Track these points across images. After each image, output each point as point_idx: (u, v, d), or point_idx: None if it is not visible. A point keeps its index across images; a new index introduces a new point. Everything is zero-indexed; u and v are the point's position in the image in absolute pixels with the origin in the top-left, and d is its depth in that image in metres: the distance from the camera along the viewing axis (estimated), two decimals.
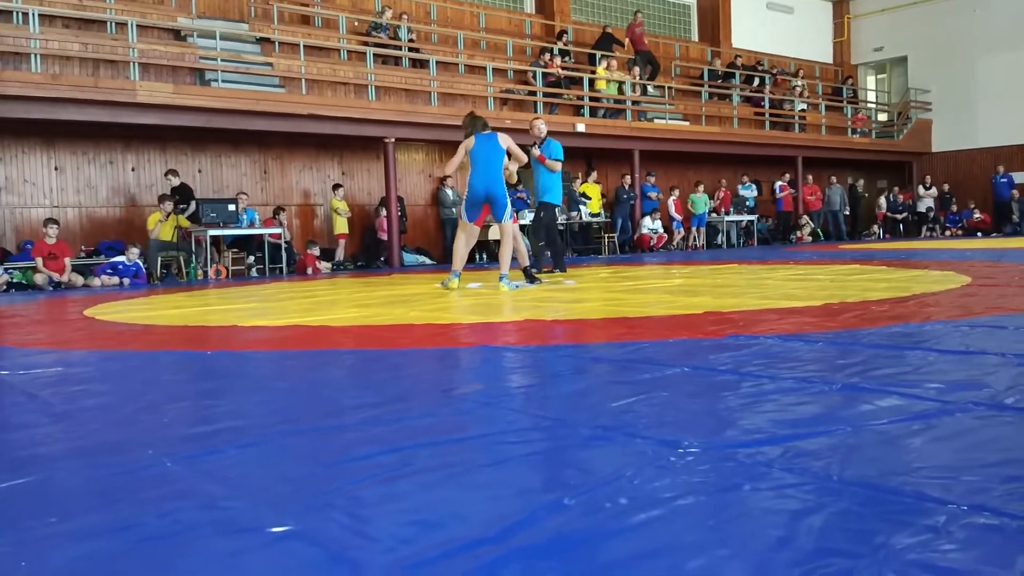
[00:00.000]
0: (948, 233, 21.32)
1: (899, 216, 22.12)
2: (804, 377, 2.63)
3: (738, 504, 1.49)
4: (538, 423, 2.21)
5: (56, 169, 12.30)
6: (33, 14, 11.17)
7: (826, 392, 2.42)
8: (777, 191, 19.90)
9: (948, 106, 23.70)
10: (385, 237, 14.20)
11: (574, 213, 16.56)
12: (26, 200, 12.07)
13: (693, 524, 1.40)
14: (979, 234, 20.49)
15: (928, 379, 2.52)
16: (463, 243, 7.82)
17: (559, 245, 9.97)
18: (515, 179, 8.30)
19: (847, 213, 21.20)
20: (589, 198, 16.96)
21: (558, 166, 9.36)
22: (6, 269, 10.74)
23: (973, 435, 1.90)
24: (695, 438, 1.92)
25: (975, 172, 23.00)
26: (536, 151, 9.28)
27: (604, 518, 1.43)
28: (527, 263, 8.14)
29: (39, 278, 10.57)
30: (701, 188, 18.26)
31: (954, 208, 22.01)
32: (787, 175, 20.05)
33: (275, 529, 1.44)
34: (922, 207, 22.04)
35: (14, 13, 11.62)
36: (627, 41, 19.03)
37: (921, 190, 22.18)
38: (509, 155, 7.67)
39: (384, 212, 14.16)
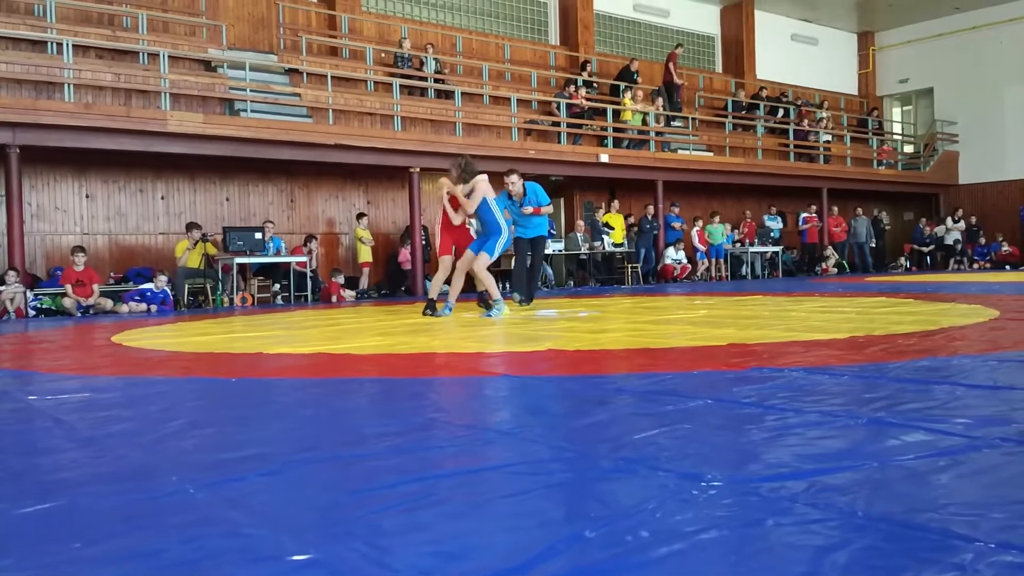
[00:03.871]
0: (976, 266, 21.10)
1: (925, 248, 21.92)
2: (829, 411, 2.60)
3: (761, 539, 1.47)
4: (560, 454, 2.20)
5: (87, 197, 12.50)
6: (67, 45, 11.42)
7: (851, 426, 2.39)
8: (801, 222, 19.81)
9: (975, 138, 23.55)
10: (408, 268, 14.32)
11: (597, 243, 16.57)
12: (57, 227, 12.27)
13: (715, 559, 1.39)
14: (1007, 267, 20.25)
15: (955, 414, 2.49)
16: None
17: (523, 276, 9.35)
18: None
19: (873, 245, 21.05)
20: (612, 228, 16.97)
21: (551, 208, 9.04)
22: (36, 295, 10.89)
23: (1001, 471, 1.87)
24: (718, 471, 1.91)
25: (1002, 205, 22.79)
26: (528, 209, 8.77)
27: (625, 551, 1.42)
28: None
29: (67, 302, 10.72)
30: (717, 219, 18.24)
31: (982, 241, 21.79)
32: (813, 206, 19.96)
33: (296, 557, 1.44)
34: (949, 240, 21.84)
35: (48, 44, 11.88)
36: (669, 67, 19.16)
37: (950, 222, 21.93)
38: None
39: (408, 244, 14.30)
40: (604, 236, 16.69)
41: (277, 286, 13.16)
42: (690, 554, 1.40)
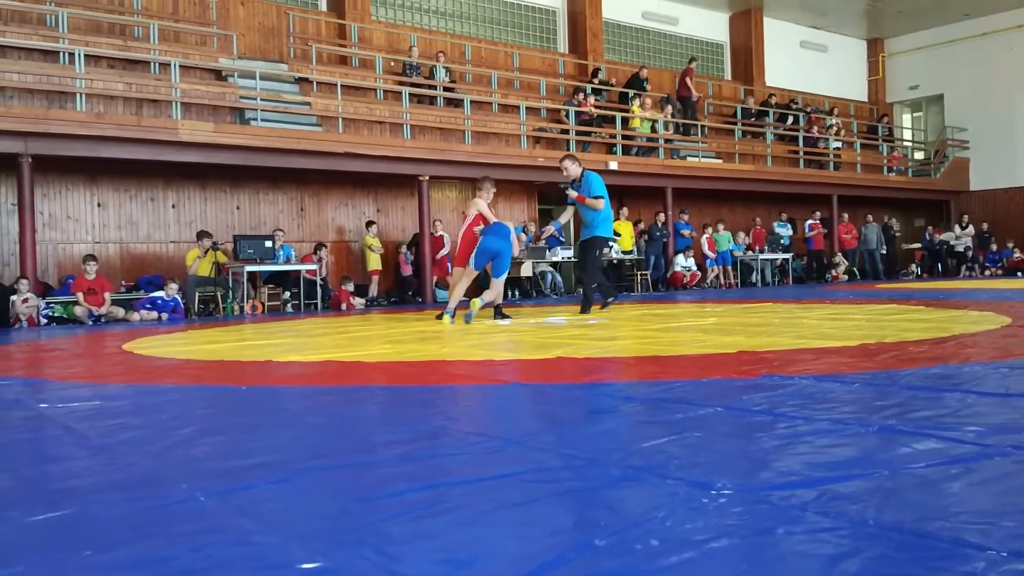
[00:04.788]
0: (987, 273, 20.98)
1: (918, 244, 21.85)
2: (840, 419, 2.59)
3: (772, 548, 1.47)
4: (569, 462, 2.20)
5: (99, 206, 12.57)
6: (79, 55, 11.49)
7: (862, 434, 2.38)
8: (807, 230, 19.73)
9: (986, 144, 23.46)
10: (407, 274, 14.41)
11: (606, 250, 16.54)
12: (69, 236, 12.33)
13: (725, 567, 1.38)
14: (1019, 274, 20.13)
15: (967, 422, 2.47)
16: None
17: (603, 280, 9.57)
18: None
19: (884, 252, 20.96)
20: (619, 235, 16.95)
21: (600, 203, 8.92)
22: (48, 303, 10.95)
23: (1013, 479, 1.86)
24: (728, 480, 1.90)
25: (1014, 211, 22.68)
26: (573, 192, 8.99)
27: (635, 560, 1.42)
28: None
29: (79, 311, 10.77)
30: (723, 226, 18.20)
31: (993, 247, 21.67)
32: (817, 213, 19.88)
33: (306, 565, 1.44)
34: (960, 246, 21.73)
35: (60, 54, 11.97)
36: (687, 82, 19.23)
37: (958, 229, 21.81)
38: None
39: (403, 250, 14.40)
40: (612, 243, 16.66)
41: (287, 294, 13.19)
42: (700, 563, 1.40)
